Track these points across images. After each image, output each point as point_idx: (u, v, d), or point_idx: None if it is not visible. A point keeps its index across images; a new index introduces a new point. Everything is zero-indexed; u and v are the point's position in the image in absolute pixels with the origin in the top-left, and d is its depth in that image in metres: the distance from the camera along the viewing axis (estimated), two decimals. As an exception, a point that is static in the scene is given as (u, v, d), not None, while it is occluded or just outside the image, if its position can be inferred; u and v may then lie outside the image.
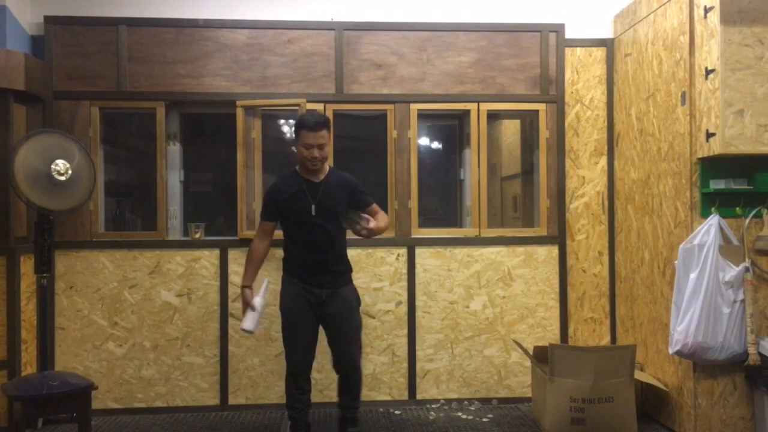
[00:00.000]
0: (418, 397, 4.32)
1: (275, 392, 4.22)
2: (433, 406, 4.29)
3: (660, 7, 3.87)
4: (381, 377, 4.30)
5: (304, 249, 3.44)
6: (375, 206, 3.55)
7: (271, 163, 4.57)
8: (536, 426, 3.92)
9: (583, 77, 4.48)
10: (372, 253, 4.28)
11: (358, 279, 3.75)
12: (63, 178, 3.61)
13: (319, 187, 3.43)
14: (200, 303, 4.22)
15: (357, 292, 3.59)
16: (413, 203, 4.34)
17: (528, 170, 4.76)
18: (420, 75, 4.36)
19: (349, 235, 3.52)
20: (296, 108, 4.23)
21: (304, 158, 3.39)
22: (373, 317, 4.26)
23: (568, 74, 4.45)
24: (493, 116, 4.77)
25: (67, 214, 3.80)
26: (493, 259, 4.36)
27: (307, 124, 3.39)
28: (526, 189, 4.80)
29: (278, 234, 3.59)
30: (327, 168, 3.51)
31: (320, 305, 3.44)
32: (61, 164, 3.61)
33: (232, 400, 4.22)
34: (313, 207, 3.39)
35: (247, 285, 3.49)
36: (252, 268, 3.53)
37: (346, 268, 3.55)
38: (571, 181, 4.46)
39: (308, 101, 4.24)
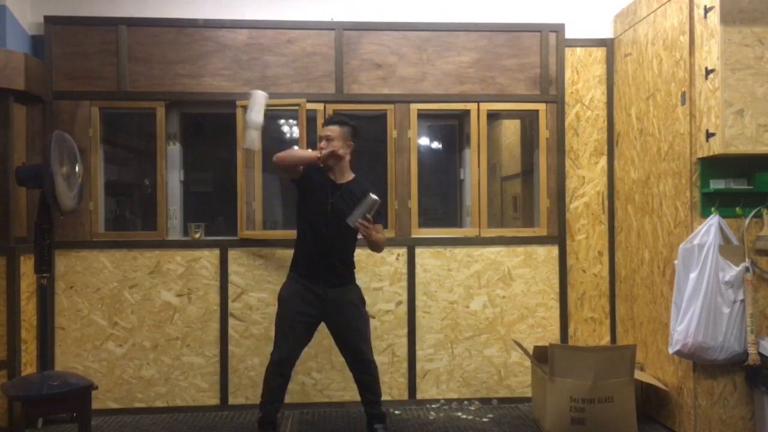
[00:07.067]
0: (418, 397, 4.32)
1: (275, 392, 4.23)
2: (433, 406, 4.29)
3: (660, 7, 3.87)
4: (381, 377, 4.24)
5: (313, 242, 3.53)
6: (379, 227, 3.61)
7: (271, 162, 4.56)
8: (536, 426, 3.92)
9: (583, 77, 4.48)
10: (372, 253, 4.26)
11: (358, 279, 3.75)
12: (80, 179, 3.72)
13: (340, 189, 3.55)
14: (200, 303, 4.22)
15: (360, 291, 3.68)
16: (413, 203, 4.34)
17: (528, 170, 4.76)
18: (420, 75, 4.36)
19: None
20: (296, 108, 4.23)
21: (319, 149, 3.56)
22: (373, 317, 4.25)
23: (568, 74, 4.45)
24: (493, 116, 4.77)
25: (72, 213, 3.82)
26: (493, 259, 4.36)
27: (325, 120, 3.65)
28: (526, 189, 4.80)
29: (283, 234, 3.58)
30: (351, 174, 3.64)
31: (320, 303, 3.52)
32: (77, 165, 3.71)
33: (232, 400, 4.22)
34: (330, 204, 3.50)
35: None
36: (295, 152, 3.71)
37: (349, 271, 3.65)
38: (571, 181, 4.46)
39: (308, 101, 4.24)
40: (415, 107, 4.35)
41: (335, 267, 3.55)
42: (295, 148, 3.91)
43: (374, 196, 3.42)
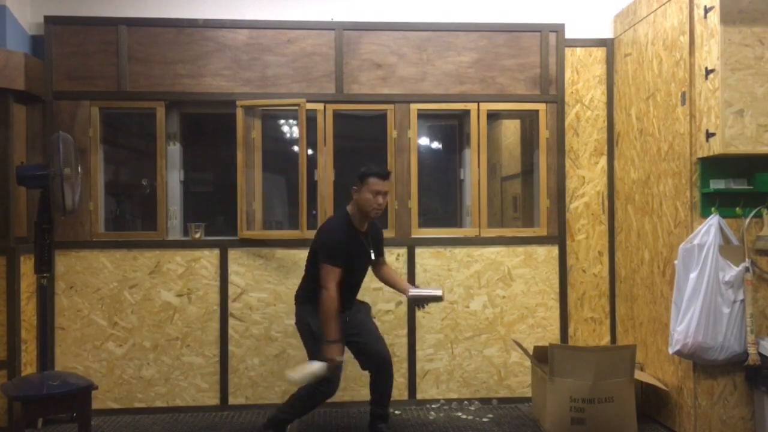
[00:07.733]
0: (418, 397, 4.32)
1: (275, 392, 4.23)
2: (433, 406, 4.29)
3: (660, 7, 3.87)
4: (381, 377, 4.29)
5: (348, 285, 3.53)
6: (383, 259, 3.83)
7: (271, 163, 4.57)
8: (536, 426, 3.92)
9: (583, 77, 4.48)
10: (372, 253, 4.28)
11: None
12: (80, 180, 3.72)
13: (367, 237, 3.60)
14: (200, 303, 4.22)
15: (366, 303, 3.82)
16: (413, 203, 4.34)
17: (528, 170, 4.76)
18: (420, 75, 4.36)
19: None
20: (296, 108, 4.23)
21: (370, 205, 3.46)
22: (373, 317, 4.25)
23: (568, 74, 4.45)
24: (493, 116, 4.77)
25: (72, 214, 3.82)
26: (493, 259, 4.36)
27: (376, 172, 3.47)
28: (526, 189, 4.80)
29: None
30: None
31: (344, 324, 3.53)
32: (78, 166, 3.71)
33: (232, 400, 4.22)
34: (372, 253, 3.62)
35: (336, 339, 3.35)
36: (337, 320, 3.37)
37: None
38: (571, 181, 4.46)
39: (308, 101, 4.24)
40: (415, 107, 4.35)
41: (356, 295, 3.70)
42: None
43: (439, 293, 3.59)
